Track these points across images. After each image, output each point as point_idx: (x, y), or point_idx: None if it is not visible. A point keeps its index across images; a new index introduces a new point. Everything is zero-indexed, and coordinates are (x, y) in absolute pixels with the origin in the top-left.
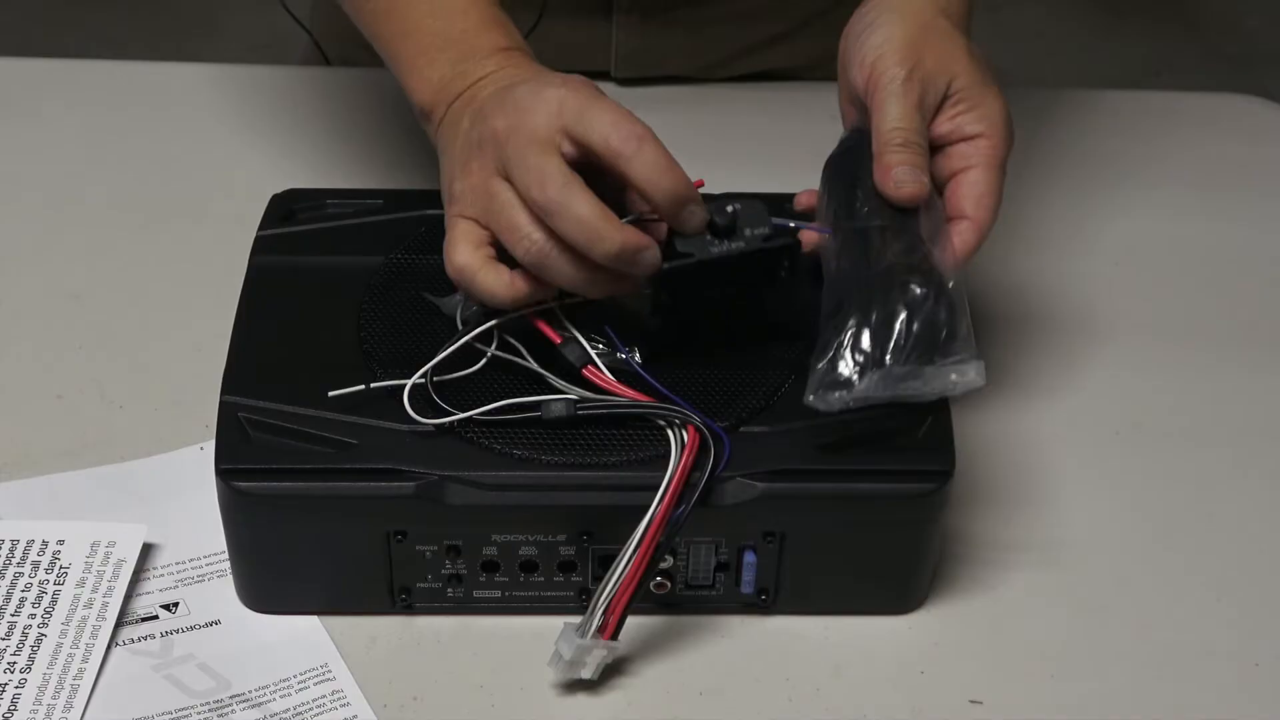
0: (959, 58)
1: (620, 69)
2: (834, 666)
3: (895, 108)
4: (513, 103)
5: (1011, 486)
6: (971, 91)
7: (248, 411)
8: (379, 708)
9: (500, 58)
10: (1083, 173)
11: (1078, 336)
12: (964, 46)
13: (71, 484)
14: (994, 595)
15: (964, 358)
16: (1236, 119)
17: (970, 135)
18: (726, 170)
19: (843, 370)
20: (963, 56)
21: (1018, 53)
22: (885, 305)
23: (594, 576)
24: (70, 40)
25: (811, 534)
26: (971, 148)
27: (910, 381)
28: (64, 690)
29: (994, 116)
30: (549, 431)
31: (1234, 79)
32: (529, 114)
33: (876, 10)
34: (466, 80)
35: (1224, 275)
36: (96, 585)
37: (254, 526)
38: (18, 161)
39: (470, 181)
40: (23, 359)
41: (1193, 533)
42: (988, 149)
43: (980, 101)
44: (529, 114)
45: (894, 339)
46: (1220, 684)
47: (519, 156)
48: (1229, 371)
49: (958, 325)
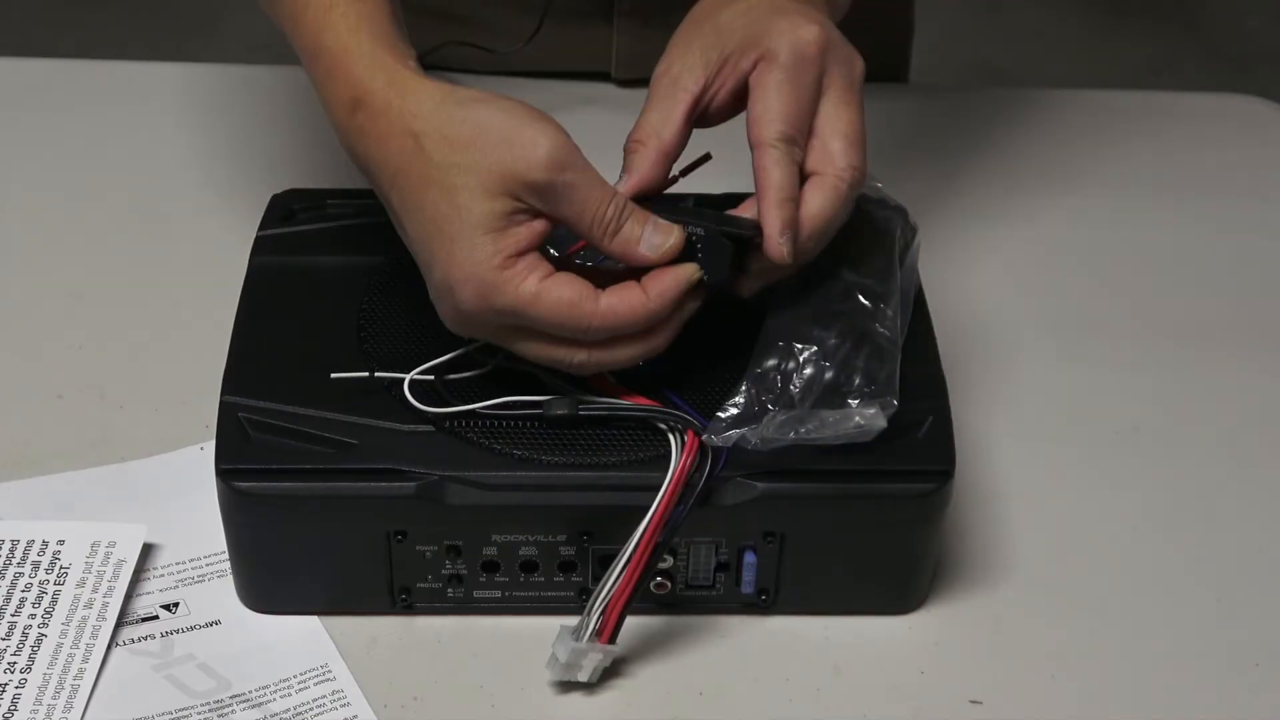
0: (727, 16)
1: (620, 71)
2: (834, 666)
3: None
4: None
5: (1011, 486)
6: (745, 34)
7: (248, 411)
8: (379, 708)
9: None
10: (1082, 173)
11: (1077, 336)
12: (735, 9)
13: (71, 484)
14: (994, 595)
15: (863, 401)
16: (1236, 119)
17: (748, 69)
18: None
19: (733, 412)
20: (733, 13)
21: (1018, 53)
22: (779, 353)
23: (594, 576)
24: (70, 40)
25: (811, 534)
26: (753, 77)
27: (809, 424)
28: (64, 690)
29: (767, 39)
30: (549, 431)
31: (1234, 79)
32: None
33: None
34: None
35: (1224, 275)
36: (96, 585)
37: (254, 526)
38: (18, 161)
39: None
40: (23, 359)
41: (1193, 533)
42: (764, 70)
43: (755, 36)
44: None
45: (782, 387)
46: (1220, 684)
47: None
48: (1229, 372)
49: (856, 368)
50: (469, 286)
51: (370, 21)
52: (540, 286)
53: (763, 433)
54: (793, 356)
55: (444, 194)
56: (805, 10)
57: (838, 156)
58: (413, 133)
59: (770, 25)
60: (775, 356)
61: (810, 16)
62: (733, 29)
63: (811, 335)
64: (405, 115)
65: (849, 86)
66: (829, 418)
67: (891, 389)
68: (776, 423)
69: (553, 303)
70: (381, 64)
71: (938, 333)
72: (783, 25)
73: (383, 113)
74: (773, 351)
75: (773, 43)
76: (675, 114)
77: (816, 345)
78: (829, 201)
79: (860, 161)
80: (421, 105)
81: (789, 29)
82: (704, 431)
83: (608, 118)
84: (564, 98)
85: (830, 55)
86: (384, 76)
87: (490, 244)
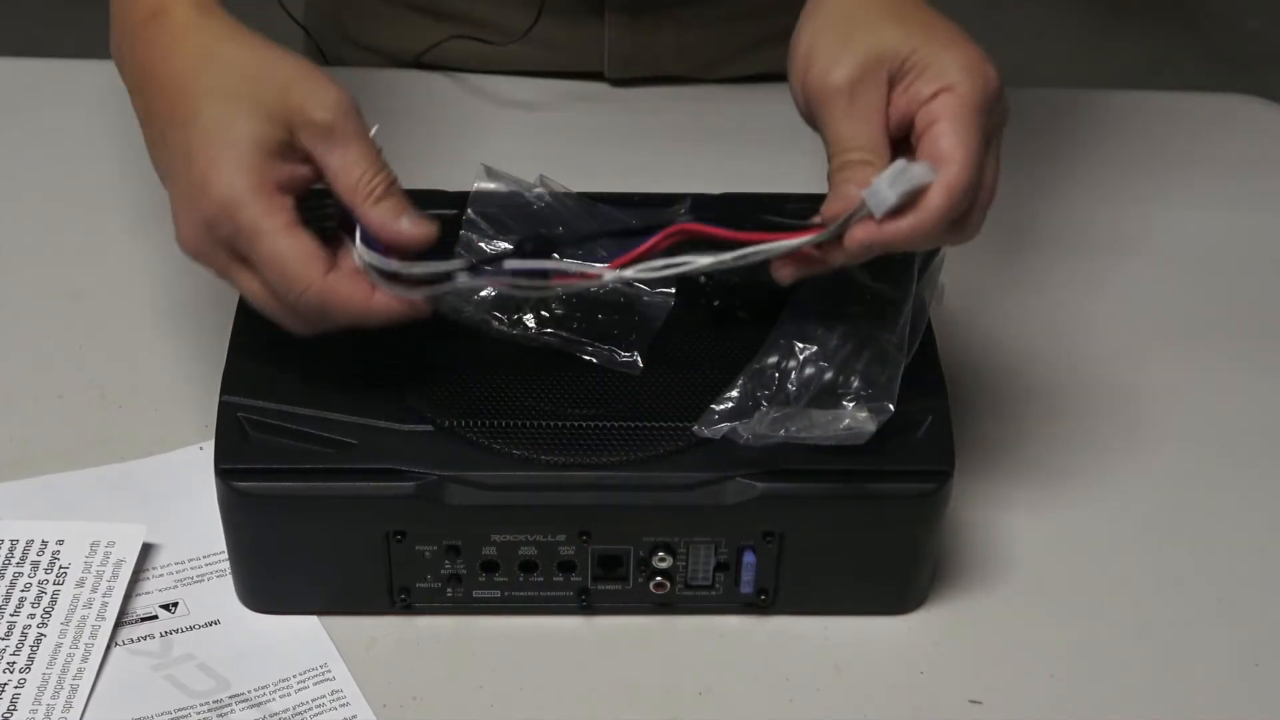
0: (891, 29)
1: (613, 69)
2: (834, 666)
3: (836, 128)
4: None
5: (1011, 487)
6: (919, 55)
7: (247, 411)
8: (379, 708)
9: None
10: (1082, 173)
11: (1077, 336)
12: (896, 13)
13: (71, 484)
14: (994, 595)
15: (857, 404)
16: (1236, 119)
17: (927, 97)
18: (720, 171)
19: (726, 405)
20: (894, 27)
21: (1018, 53)
22: (780, 351)
23: (594, 576)
24: (70, 40)
25: (811, 534)
26: (932, 107)
27: (799, 423)
28: (63, 690)
29: (949, 68)
30: (549, 431)
31: (1234, 79)
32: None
33: (807, 10)
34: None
35: (1224, 275)
36: (96, 585)
37: (254, 526)
38: (18, 161)
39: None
40: (23, 359)
41: (1193, 533)
42: (948, 101)
43: (931, 61)
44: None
45: (779, 385)
46: (1220, 684)
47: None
48: (1229, 371)
49: (855, 371)
50: (219, 194)
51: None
52: (280, 228)
53: (754, 428)
54: (793, 355)
55: (225, 109)
56: (976, 46)
57: (973, 215)
58: (208, 52)
59: (952, 55)
60: (776, 354)
61: (988, 57)
62: (905, 43)
63: (815, 335)
64: (205, 34)
65: (999, 142)
66: (819, 418)
67: (890, 394)
68: (769, 420)
69: (281, 249)
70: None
71: (937, 333)
72: (968, 60)
73: (181, 28)
74: (774, 349)
75: (958, 78)
76: (881, 135)
77: (818, 345)
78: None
79: (980, 226)
80: (222, 30)
81: (977, 67)
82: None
83: (601, 116)
84: (557, 96)
85: (1001, 104)
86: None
87: (258, 162)
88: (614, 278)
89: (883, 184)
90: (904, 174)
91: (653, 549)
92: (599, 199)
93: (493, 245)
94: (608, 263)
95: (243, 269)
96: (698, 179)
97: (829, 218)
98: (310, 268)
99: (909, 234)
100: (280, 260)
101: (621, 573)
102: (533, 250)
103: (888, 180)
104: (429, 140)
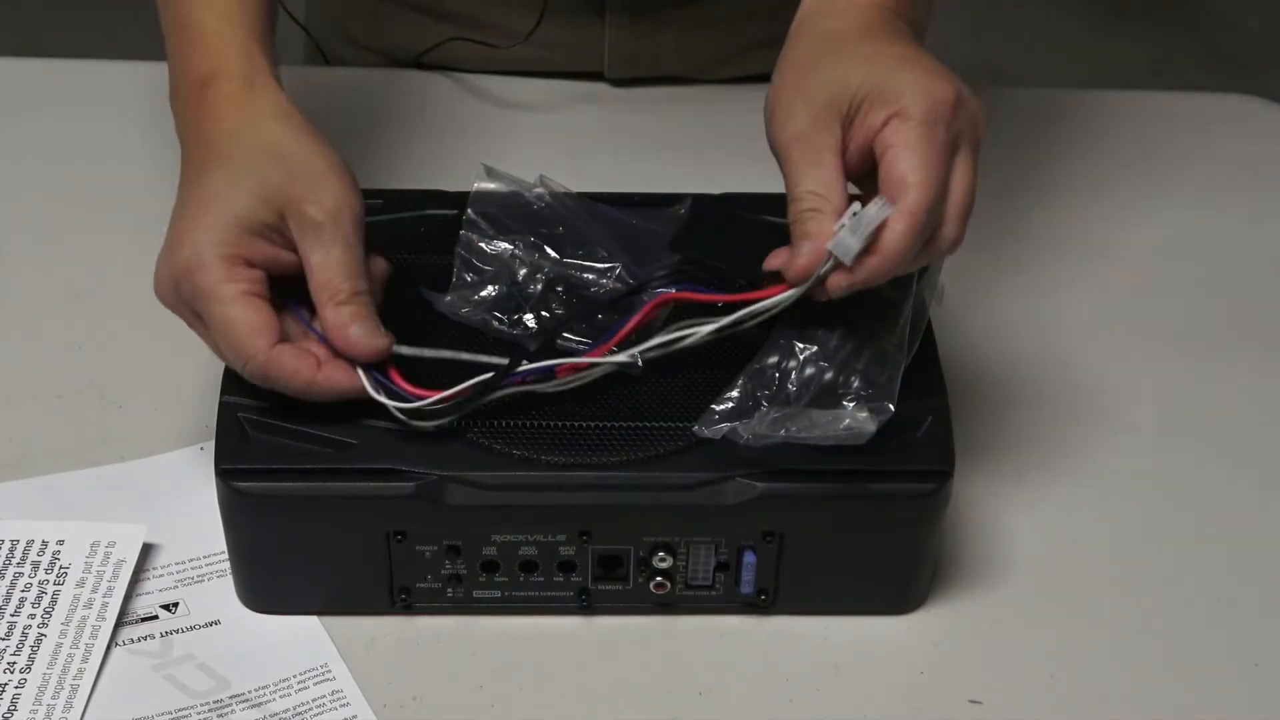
0: (840, 69)
1: (613, 70)
2: (834, 666)
3: (790, 178)
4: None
5: (1011, 487)
6: (866, 87)
7: (248, 411)
8: (379, 708)
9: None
10: (1082, 173)
11: (1076, 336)
12: (844, 51)
13: (71, 484)
14: (994, 595)
15: (858, 404)
16: (1236, 119)
17: (879, 125)
18: (720, 171)
19: (726, 405)
20: (842, 66)
21: (1018, 53)
22: (780, 351)
23: (594, 576)
24: (70, 40)
25: (811, 534)
26: (885, 134)
27: (799, 423)
28: (64, 690)
29: (896, 92)
30: (549, 431)
31: (1234, 79)
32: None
33: (778, 61)
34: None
35: (1224, 275)
36: (96, 585)
37: (254, 526)
38: (18, 161)
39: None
40: (23, 359)
41: (1192, 533)
42: (898, 127)
43: (880, 89)
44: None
45: (779, 385)
46: (1220, 684)
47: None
48: (1229, 371)
49: (855, 371)
50: (188, 253)
51: (247, 15)
52: (234, 296)
53: (754, 428)
54: (793, 355)
55: (230, 178)
56: (927, 61)
57: (947, 227)
58: (247, 122)
59: (898, 79)
60: (776, 354)
61: (938, 71)
62: (853, 79)
63: (815, 335)
64: (250, 109)
65: (973, 149)
66: (819, 418)
67: (890, 394)
68: (769, 420)
69: (230, 315)
70: (249, 55)
71: (937, 333)
72: (915, 80)
73: (228, 100)
74: (774, 349)
75: (906, 100)
76: (834, 176)
77: (818, 345)
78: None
79: (961, 235)
80: (266, 107)
81: (923, 84)
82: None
83: (601, 116)
84: (557, 96)
85: (962, 113)
86: (244, 68)
87: (231, 235)
88: (621, 360)
89: (845, 233)
90: (861, 217)
91: (653, 549)
92: (599, 199)
93: (493, 245)
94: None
95: (202, 326)
96: (698, 179)
97: (794, 276)
98: (256, 338)
99: (882, 267)
100: (228, 326)
101: (622, 573)
102: (540, 347)
103: (849, 228)
104: (429, 140)
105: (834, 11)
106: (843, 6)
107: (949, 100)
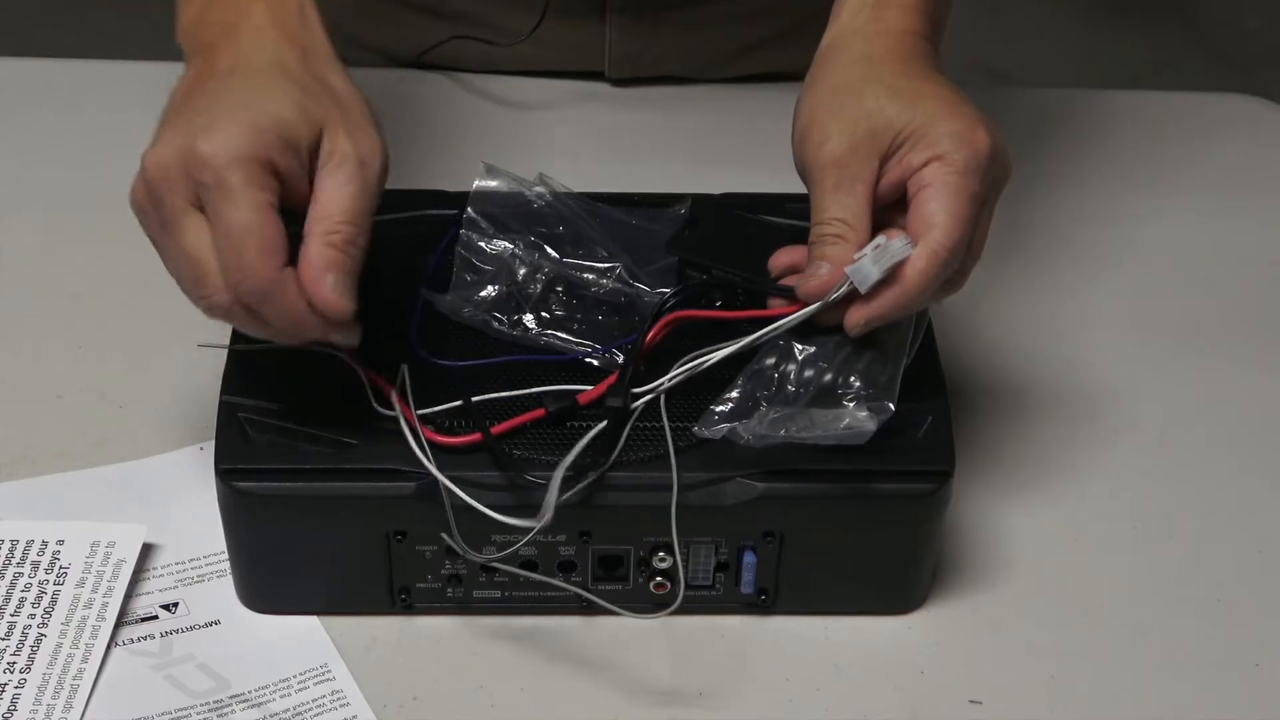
0: (886, 102)
1: (614, 69)
2: (834, 666)
3: (819, 200)
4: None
5: (1011, 486)
6: (912, 127)
7: (248, 411)
8: (379, 708)
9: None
10: (1082, 173)
11: (1077, 336)
12: (891, 84)
13: (71, 484)
14: (994, 595)
15: (858, 404)
16: (1236, 119)
17: (918, 166)
18: (720, 171)
19: (726, 406)
20: (888, 100)
21: (1018, 53)
22: (780, 351)
23: (594, 576)
24: (70, 40)
25: (811, 534)
26: (923, 174)
27: (799, 422)
28: (64, 690)
29: (941, 138)
30: (548, 431)
31: (1234, 79)
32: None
33: (809, 78)
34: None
35: (1224, 275)
36: (96, 585)
37: (254, 526)
38: (18, 161)
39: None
40: (23, 359)
41: (1192, 533)
42: (937, 169)
43: (925, 132)
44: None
45: (779, 385)
46: (1220, 684)
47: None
48: (1229, 371)
49: (856, 371)
50: (219, 139)
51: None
52: (259, 204)
53: (754, 428)
54: (792, 356)
55: (277, 86)
56: (968, 107)
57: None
58: (292, 45)
59: (944, 124)
60: (776, 354)
61: (978, 119)
62: (898, 116)
63: (815, 336)
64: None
65: (997, 200)
66: (819, 418)
67: (890, 394)
68: (769, 420)
69: (250, 222)
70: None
71: (937, 332)
72: (957, 129)
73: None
74: (774, 349)
75: (948, 145)
76: (864, 207)
77: (818, 345)
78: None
79: (966, 280)
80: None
81: (966, 134)
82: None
83: (602, 115)
84: (559, 96)
85: (995, 165)
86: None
87: (271, 137)
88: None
89: (866, 261)
90: (887, 249)
91: (653, 549)
92: (599, 199)
93: (493, 245)
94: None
95: (192, 220)
96: (698, 179)
97: (807, 294)
98: (270, 255)
99: (898, 300)
100: (244, 234)
101: (622, 573)
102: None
103: (872, 258)
104: (429, 140)
105: (871, 35)
106: (878, 30)
107: (987, 152)
